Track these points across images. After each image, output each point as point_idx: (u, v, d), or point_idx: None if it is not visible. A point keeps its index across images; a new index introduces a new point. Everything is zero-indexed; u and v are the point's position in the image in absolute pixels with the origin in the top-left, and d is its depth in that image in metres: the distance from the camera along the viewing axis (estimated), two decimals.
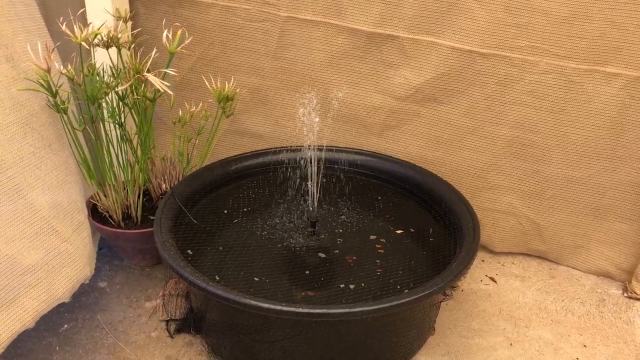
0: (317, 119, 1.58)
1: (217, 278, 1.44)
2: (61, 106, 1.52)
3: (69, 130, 1.60)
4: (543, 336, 1.64)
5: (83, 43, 1.48)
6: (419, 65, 1.75)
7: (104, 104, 1.61)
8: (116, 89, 1.56)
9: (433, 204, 1.72)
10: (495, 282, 1.85)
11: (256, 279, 1.45)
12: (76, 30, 1.46)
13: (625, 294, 1.80)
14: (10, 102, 1.44)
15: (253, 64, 1.89)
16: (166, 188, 1.82)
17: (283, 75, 1.89)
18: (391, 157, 1.86)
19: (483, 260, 1.95)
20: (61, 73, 1.54)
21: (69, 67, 1.54)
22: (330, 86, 1.85)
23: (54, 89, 1.48)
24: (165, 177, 1.83)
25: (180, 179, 1.80)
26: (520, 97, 1.69)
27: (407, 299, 1.24)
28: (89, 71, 1.55)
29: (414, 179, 1.79)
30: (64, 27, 1.46)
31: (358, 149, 1.88)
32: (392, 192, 1.82)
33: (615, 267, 1.85)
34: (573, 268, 1.92)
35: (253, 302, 1.23)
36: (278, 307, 1.22)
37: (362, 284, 1.44)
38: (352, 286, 1.43)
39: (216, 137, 1.81)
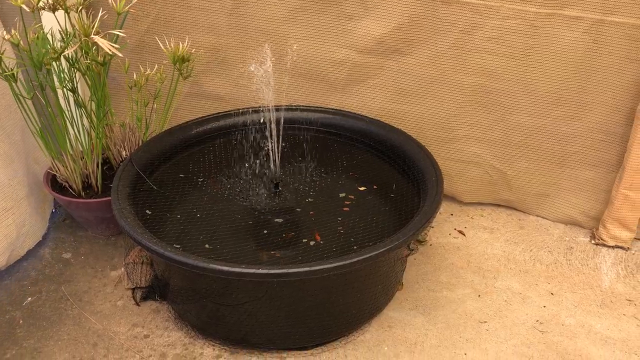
0: (277, 78, 1.54)
1: (178, 243, 1.41)
2: (6, 73, 1.46)
3: (18, 99, 1.54)
4: (511, 286, 1.64)
5: (23, 6, 1.42)
6: (380, 15, 1.70)
7: (53, 70, 1.55)
8: (64, 53, 1.50)
9: (397, 159, 1.69)
10: (464, 235, 1.84)
11: (219, 242, 1.43)
12: None
13: (593, 241, 1.81)
14: None
15: (209, 23, 1.83)
16: (126, 155, 1.77)
17: (241, 33, 1.83)
18: (353, 113, 1.81)
19: (452, 214, 1.94)
20: (4, 39, 1.48)
21: (14, 32, 1.47)
22: (289, 42, 1.80)
23: None
24: (125, 144, 1.78)
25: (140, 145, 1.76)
26: (483, 45, 1.66)
27: (367, 255, 1.23)
28: (36, 36, 1.49)
29: (377, 135, 1.75)
30: None
31: (319, 107, 1.84)
32: (355, 148, 1.79)
33: (583, 215, 1.85)
34: (542, 218, 1.92)
35: (212, 266, 1.21)
36: (238, 270, 1.20)
37: (327, 243, 1.42)
38: (313, 244, 1.42)
39: (175, 101, 1.76)
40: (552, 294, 1.62)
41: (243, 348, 1.44)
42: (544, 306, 1.57)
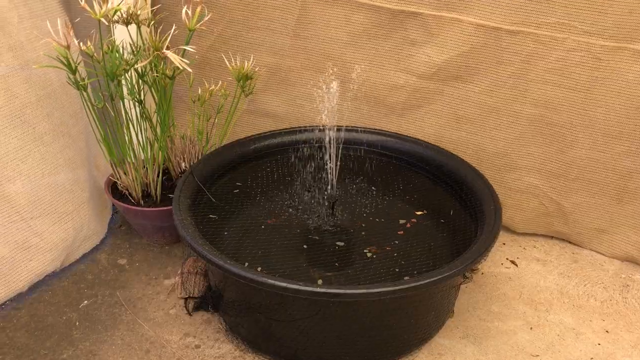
0: (337, 99, 1.56)
1: (235, 256, 1.43)
2: (80, 83, 1.52)
3: (88, 108, 1.60)
4: (564, 321, 1.61)
5: (102, 19, 1.47)
6: (443, 42, 1.71)
7: (123, 82, 1.60)
8: (135, 66, 1.55)
9: (455, 186, 1.69)
10: (516, 265, 1.82)
11: (274, 257, 1.45)
12: (95, 6, 1.45)
13: None
14: (5, 93, 1.47)
15: (272, 43, 1.87)
16: (185, 167, 1.81)
17: (302, 54, 1.86)
18: (411, 137, 1.82)
19: (504, 244, 1.92)
20: (80, 49, 1.54)
21: (89, 43, 1.53)
22: (351, 65, 1.82)
23: (73, 66, 1.48)
24: (185, 156, 1.82)
25: (199, 157, 1.80)
26: (545, 75, 1.65)
27: (425, 281, 1.22)
28: (109, 48, 1.55)
29: (435, 160, 1.75)
30: (83, 3, 1.45)
31: (378, 130, 1.86)
32: (412, 173, 1.79)
33: None
34: (596, 252, 1.88)
35: (270, 281, 1.22)
36: (295, 287, 1.21)
37: (381, 265, 1.42)
38: (371, 267, 1.42)
39: (235, 117, 1.79)
40: (607, 331, 1.58)
41: None
42: (599, 344, 1.54)
